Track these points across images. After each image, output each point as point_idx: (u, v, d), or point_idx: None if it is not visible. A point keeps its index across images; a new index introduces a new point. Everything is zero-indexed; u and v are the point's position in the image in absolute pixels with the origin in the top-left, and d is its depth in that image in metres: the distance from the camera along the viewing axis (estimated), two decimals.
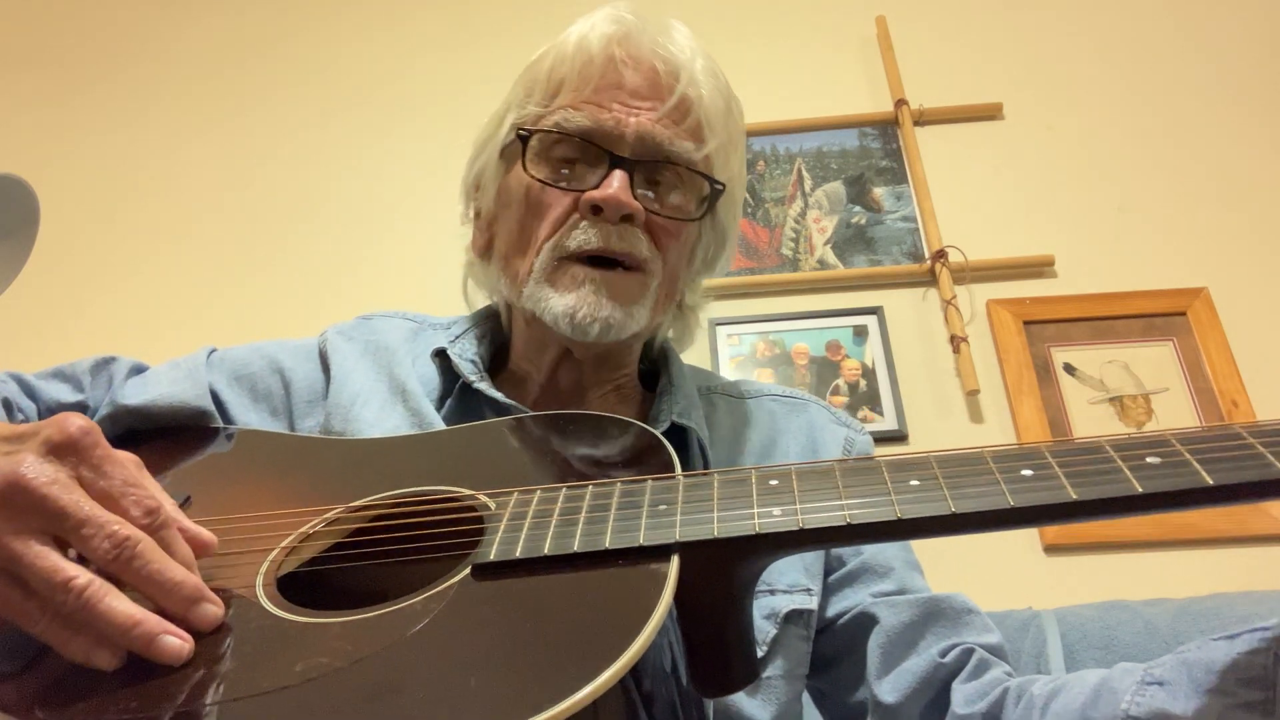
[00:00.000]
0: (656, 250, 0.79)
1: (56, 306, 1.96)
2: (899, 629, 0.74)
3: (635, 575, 0.49)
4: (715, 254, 0.90)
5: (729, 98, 0.84)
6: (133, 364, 0.82)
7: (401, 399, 0.80)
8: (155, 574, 0.48)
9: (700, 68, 0.82)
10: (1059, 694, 0.62)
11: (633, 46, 0.80)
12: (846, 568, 0.79)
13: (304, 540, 0.60)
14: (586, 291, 0.76)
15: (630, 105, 0.78)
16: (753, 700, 0.72)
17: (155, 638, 0.47)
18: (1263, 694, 0.50)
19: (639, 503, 0.55)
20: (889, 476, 0.52)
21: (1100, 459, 0.50)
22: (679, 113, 0.79)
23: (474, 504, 0.59)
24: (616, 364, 0.86)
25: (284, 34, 2.28)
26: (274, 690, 0.45)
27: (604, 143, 0.77)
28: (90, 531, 0.47)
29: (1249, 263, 1.78)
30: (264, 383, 0.83)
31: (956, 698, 0.69)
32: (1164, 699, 0.54)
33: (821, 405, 0.91)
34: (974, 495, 0.49)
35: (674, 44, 0.81)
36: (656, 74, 0.79)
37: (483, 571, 0.51)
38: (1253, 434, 0.49)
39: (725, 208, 0.85)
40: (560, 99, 0.79)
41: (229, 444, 0.75)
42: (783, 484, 0.54)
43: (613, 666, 0.42)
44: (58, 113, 2.22)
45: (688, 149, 0.79)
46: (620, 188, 0.75)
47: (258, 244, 2.01)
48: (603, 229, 0.76)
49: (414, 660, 0.46)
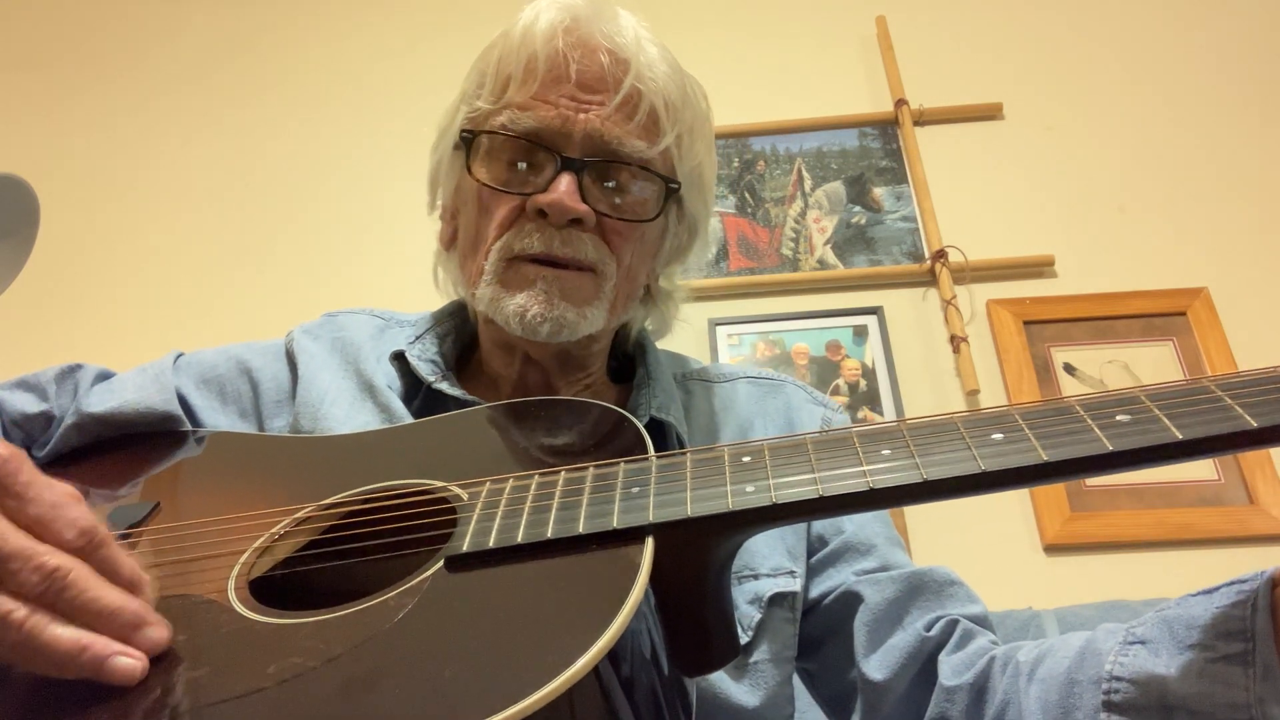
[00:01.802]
0: (610, 251, 0.77)
1: (56, 306, 1.96)
2: (884, 606, 0.74)
3: (610, 559, 0.49)
4: (687, 244, 0.88)
5: (684, 84, 0.80)
6: (99, 371, 0.82)
7: (370, 395, 0.79)
8: (90, 603, 0.46)
9: (650, 57, 0.77)
10: (1045, 659, 0.63)
11: (578, 36, 0.76)
12: (829, 548, 0.79)
13: (276, 540, 0.59)
14: (537, 290, 0.74)
15: (579, 101, 0.75)
16: (740, 685, 0.72)
17: (104, 661, 0.45)
18: (1242, 645, 0.51)
19: (612, 486, 0.54)
20: (860, 447, 0.52)
21: (1071, 419, 0.50)
22: (629, 107, 0.76)
23: (446, 496, 0.59)
24: (579, 364, 0.84)
25: (278, 32, 2.28)
26: (247, 694, 0.44)
27: (551, 143, 0.75)
28: (16, 566, 0.45)
29: (1249, 263, 1.78)
30: (232, 385, 0.82)
31: (944, 669, 0.69)
32: (1147, 657, 0.54)
33: (798, 385, 0.90)
34: (945, 461, 0.49)
35: (621, 34, 0.77)
36: (603, 66, 0.75)
37: (456, 563, 0.51)
38: (1221, 387, 0.48)
39: (692, 197, 0.83)
40: (508, 95, 0.77)
41: (198, 448, 0.74)
42: (755, 460, 0.54)
43: (588, 653, 0.42)
44: (58, 113, 2.22)
45: (639, 148, 0.76)
46: (566, 192, 0.73)
47: (255, 241, 2.02)
48: (547, 233, 0.74)
49: (388, 655, 0.45)
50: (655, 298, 0.89)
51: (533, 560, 0.50)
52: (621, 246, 0.77)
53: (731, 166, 1.98)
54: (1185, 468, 1.60)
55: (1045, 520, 1.57)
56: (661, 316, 0.91)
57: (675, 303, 0.92)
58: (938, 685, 0.69)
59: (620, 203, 0.77)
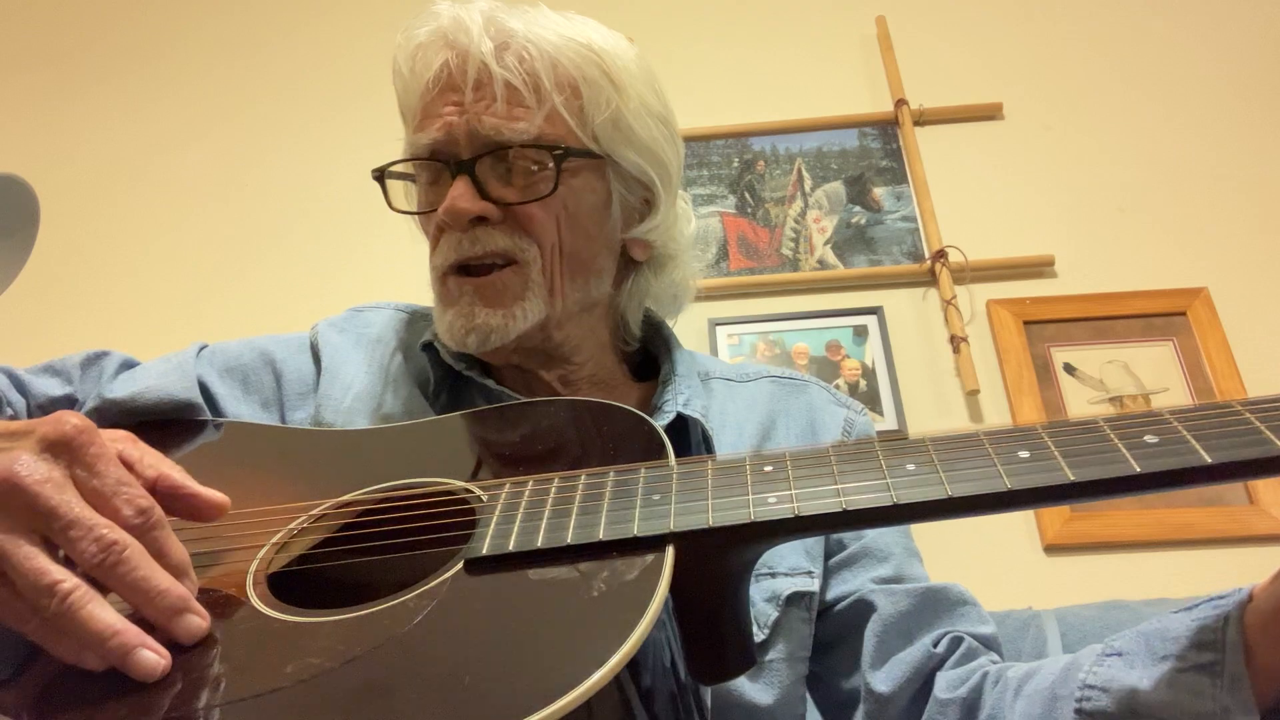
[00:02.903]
0: (526, 237, 0.75)
1: (57, 306, 1.96)
2: (896, 618, 0.74)
3: (630, 567, 0.49)
4: (652, 198, 0.83)
5: (571, 42, 0.76)
6: (124, 359, 0.82)
7: (393, 389, 0.79)
8: (139, 581, 0.47)
9: (510, 32, 0.75)
10: (1033, 675, 0.64)
11: (427, 43, 0.76)
12: (846, 551, 0.79)
13: (294, 536, 0.59)
14: (463, 304, 0.75)
15: (455, 104, 0.75)
16: (755, 684, 0.72)
17: (131, 651, 0.46)
18: (1213, 655, 0.52)
19: (633, 492, 0.54)
20: (884, 461, 0.52)
21: (1098, 438, 0.49)
22: (486, 93, 0.74)
23: (465, 496, 0.59)
24: (558, 358, 0.82)
25: (282, 30, 2.28)
26: (265, 693, 0.44)
27: (446, 153, 0.76)
28: (78, 534, 0.46)
29: (1249, 263, 1.78)
30: (255, 375, 0.83)
31: (939, 684, 0.70)
32: (1121, 667, 0.56)
33: (821, 386, 0.90)
34: (970, 478, 0.49)
35: (471, 26, 0.75)
36: (462, 63, 0.74)
37: (475, 566, 0.51)
38: (1251, 410, 0.47)
39: (620, 149, 0.78)
40: (407, 124, 0.80)
41: (217, 436, 0.75)
42: (777, 470, 0.53)
43: (609, 662, 0.42)
44: (58, 113, 2.22)
45: (519, 128, 0.73)
46: (457, 195, 0.73)
47: (259, 242, 2.01)
48: (454, 240, 0.75)
49: (406, 659, 0.45)
50: (651, 266, 0.87)
51: (552, 565, 0.50)
52: (539, 229, 0.76)
53: (731, 166, 1.98)
54: None
55: (1045, 520, 1.57)
56: (662, 290, 0.89)
57: (675, 276, 0.89)
58: (931, 699, 0.69)
59: (524, 185, 0.76)
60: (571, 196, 0.77)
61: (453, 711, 0.41)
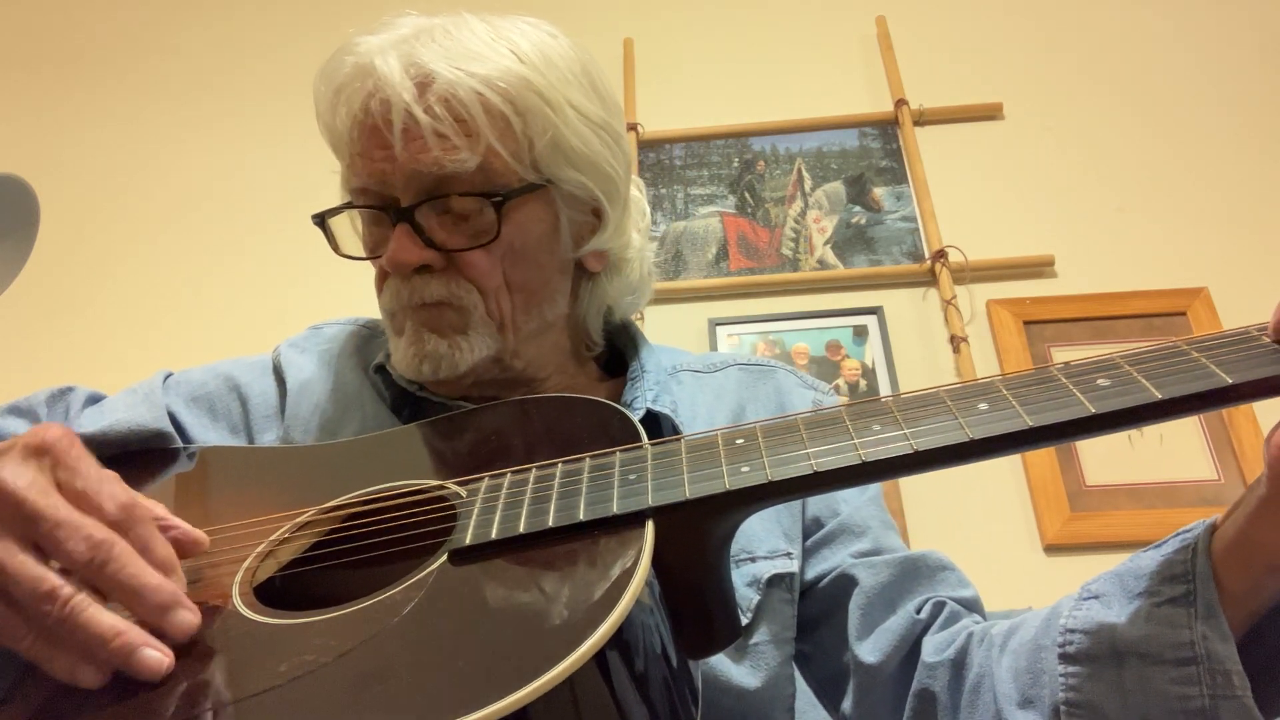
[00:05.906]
0: (466, 282, 0.74)
1: (56, 306, 1.96)
2: (878, 589, 0.75)
3: (612, 544, 0.50)
4: (601, 209, 0.80)
5: (484, 74, 0.71)
6: (89, 393, 0.82)
7: (358, 405, 0.79)
8: (130, 578, 0.47)
9: (417, 73, 0.70)
10: (1016, 630, 0.65)
11: (348, 90, 0.73)
12: (824, 530, 0.79)
13: (278, 546, 0.60)
14: (410, 333, 0.75)
15: (384, 148, 0.72)
16: (741, 667, 0.72)
17: (136, 650, 0.46)
18: (1185, 587, 0.53)
19: (610, 474, 0.55)
20: (851, 424, 0.53)
21: (1053, 385, 0.51)
22: (415, 138, 0.70)
23: (444, 494, 0.59)
24: (524, 381, 0.81)
25: (277, 37, 2.28)
26: (260, 692, 0.45)
27: (384, 197, 0.74)
28: (65, 535, 0.46)
29: (1249, 263, 1.78)
30: (221, 402, 0.83)
31: (926, 648, 0.70)
32: (1098, 609, 0.57)
33: (788, 370, 0.90)
34: (933, 432, 0.51)
35: (384, 77, 0.70)
36: (372, 112, 0.71)
37: (460, 556, 0.51)
38: (1197, 349, 0.50)
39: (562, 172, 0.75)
40: (339, 157, 0.78)
41: (191, 462, 0.75)
42: (749, 442, 0.55)
43: (595, 633, 0.42)
44: (58, 113, 2.22)
45: (454, 170, 0.70)
46: (397, 247, 0.72)
47: (255, 242, 2.01)
48: (394, 286, 0.75)
49: (398, 648, 0.46)
50: (607, 272, 0.85)
51: (536, 549, 0.51)
52: (480, 275, 0.74)
53: (731, 166, 1.99)
54: (1185, 467, 1.60)
55: (1045, 520, 1.57)
56: (625, 288, 0.87)
57: (632, 279, 0.87)
58: (919, 663, 0.70)
59: (467, 232, 0.74)
60: (518, 234, 0.75)
61: (447, 693, 0.42)
